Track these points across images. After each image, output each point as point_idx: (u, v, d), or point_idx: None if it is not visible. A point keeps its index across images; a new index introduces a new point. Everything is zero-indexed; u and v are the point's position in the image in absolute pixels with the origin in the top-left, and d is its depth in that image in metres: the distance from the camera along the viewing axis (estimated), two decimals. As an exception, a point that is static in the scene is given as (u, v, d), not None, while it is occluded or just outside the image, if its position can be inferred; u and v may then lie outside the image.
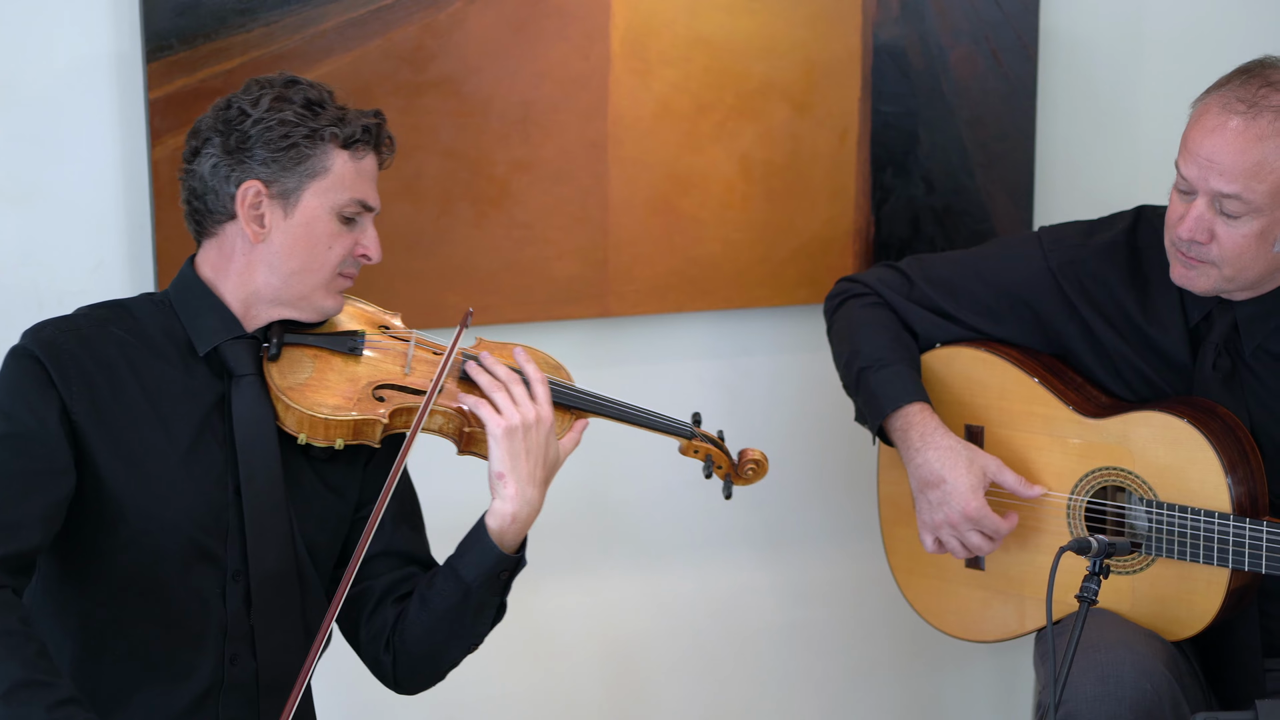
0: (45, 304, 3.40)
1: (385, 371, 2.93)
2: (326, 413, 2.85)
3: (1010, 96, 3.93)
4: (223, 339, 2.86)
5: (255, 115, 2.82)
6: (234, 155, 2.82)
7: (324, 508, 2.94)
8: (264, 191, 2.82)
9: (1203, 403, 3.25)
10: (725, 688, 4.06)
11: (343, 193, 2.85)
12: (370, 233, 2.90)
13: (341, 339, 2.94)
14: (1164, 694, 3.13)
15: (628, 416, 3.06)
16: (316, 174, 2.83)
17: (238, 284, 2.87)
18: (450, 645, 2.96)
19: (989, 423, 3.43)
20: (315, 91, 2.86)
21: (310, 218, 2.84)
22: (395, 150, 2.94)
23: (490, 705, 3.88)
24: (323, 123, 2.83)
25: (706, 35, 3.73)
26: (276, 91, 2.84)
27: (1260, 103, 3.09)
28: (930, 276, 3.50)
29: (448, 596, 2.91)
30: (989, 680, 4.25)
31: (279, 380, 2.86)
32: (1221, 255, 3.14)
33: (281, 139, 2.81)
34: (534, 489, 2.89)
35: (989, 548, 3.35)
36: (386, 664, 2.98)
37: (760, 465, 3.12)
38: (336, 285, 2.90)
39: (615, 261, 3.73)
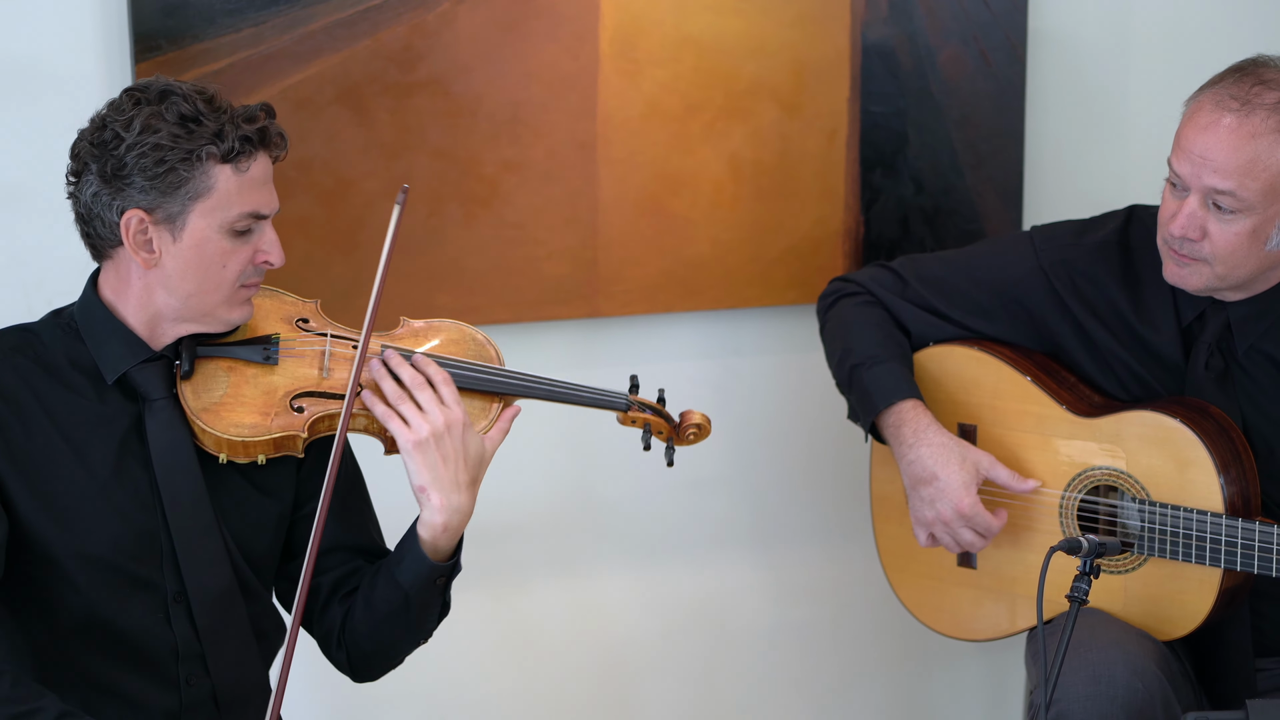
0: (34, 306, 3.39)
1: (302, 378, 2.85)
2: (244, 434, 2.77)
3: (999, 96, 3.93)
4: (130, 365, 2.77)
5: (129, 140, 2.69)
6: (112, 184, 2.70)
7: (259, 513, 2.89)
8: (147, 219, 2.71)
9: (1195, 402, 3.26)
10: (714, 687, 4.06)
11: (230, 209, 2.73)
12: (268, 237, 2.79)
13: (254, 347, 2.84)
14: (1155, 693, 3.13)
15: (558, 395, 2.97)
16: (200, 195, 2.71)
17: (138, 306, 2.78)
18: (399, 642, 2.95)
19: (982, 421, 3.43)
20: (190, 104, 2.70)
21: (200, 239, 2.73)
22: (288, 144, 2.80)
23: (479, 705, 3.88)
24: (199, 141, 2.69)
25: (695, 35, 3.73)
26: (149, 111, 2.69)
27: (1253, 100, 3.09)
28: (923, 276, 3.50)
29: (389, 601, 2.88)
30: (979, 679, 4.25)
31: (193, 401, 2.78)
32: (1214, 253, 3.14)
33: (158, 164, 2.68)
34: (459, 494, 2.82)
35: (981, 544, 3.35)
36: (341, 659, 2.98)
37: (702, 429, 3.02)
38: (240, 296, 2.80)
39: (605, 262, 3.73)
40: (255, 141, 2.73)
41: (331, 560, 2.95)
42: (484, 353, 2.97)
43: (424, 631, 2.94)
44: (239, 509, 2.86)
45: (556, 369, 3.71)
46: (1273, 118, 3.09)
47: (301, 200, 3.51)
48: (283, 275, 3.50)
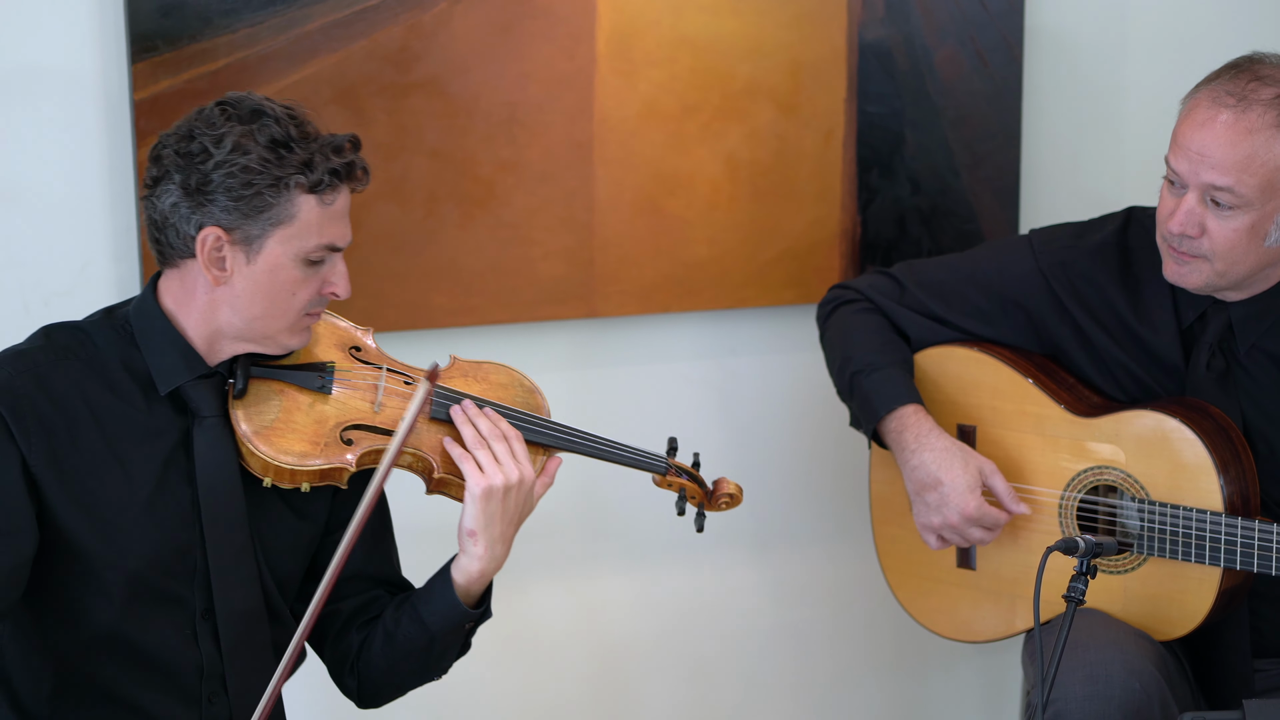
0: (31, 306, 3.39)
1: (354, 410, 2.84)
2: (292, 461, 2.76)
3: (996, 96, 3.93)
4: (185, 379, 2.75)
5: (218, 157, 2.66)
6: (194, 197, 2.68)
7: (293, 536, 2.88)
8: (225, 238, 2.68)
9: (1195, 402, 3.26)
10: (713, 688, 4.06)
11: (309, 239, 2.71)
12: (338, 269, 2.78)
13: (310, 374, 2.83)
14: (1153, 693, 3.13)
15: (602, 453, 2.99)
16: (281, 222, 2.69)
17: (200, 321, 2.75)
18: (414, 677, 2.96)
19: (981, 422, 3.43)
20: (282, 129, 2.68)
21: (274, 265, 2.71)
22: (370, 178, 2.79)
23: (477, 706, 3.88)
24: (288, 169, 2.67)
25: (692, 36, 3.72)
26: (241, 130, 2.67)
27: (1250, 96, 3.10)
28: (922, 281, 3.50)
29: (413, 640, 2.89)
30: (976, 681, 4.25)
31: (244, 423, 2.76)
32: (1213, 249, 3.14)
33: (244, 186, 2.66)
34: (502, 546, 2.86)
35: (990, 539, 3.35)
36: (351, 685, 2.98)
37: (735, 499, 3.06)
38: (302, 324, 2.79)
39: (601, 262, 3.73)
40: (342, 175, 2.72)
41: (352, 588, 2.95)
42: (532, 400, 2.98)
43: (441, 670, 2.96)
44: (274, 530, 2.85)
45: (554, 369, 3.73)
46: (1269, 113, 3.09)
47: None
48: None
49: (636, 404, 3.87)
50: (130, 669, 2.77)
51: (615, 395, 3.85)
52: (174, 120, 3.35)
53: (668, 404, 3.89)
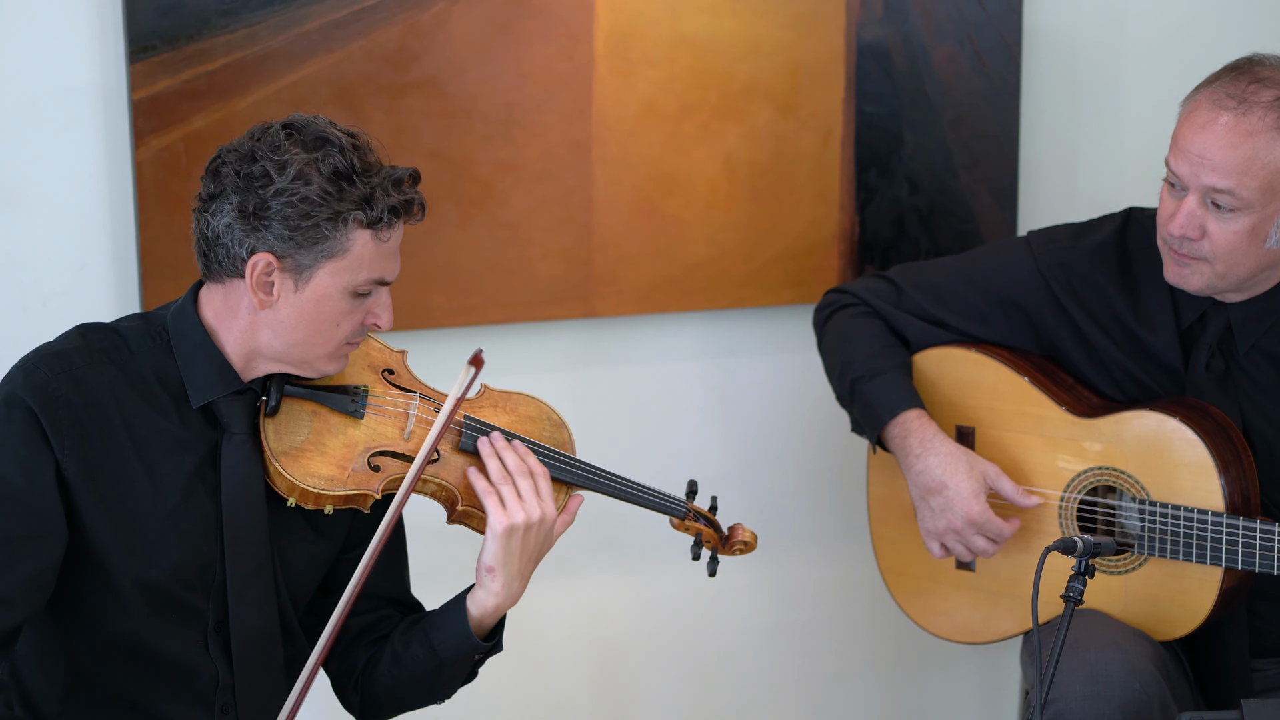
0: (29, 306, 3.39)
1: (384, 436, 2.82)
2: (320, 485, 2.74)
3: (994, 96, 3.93)
4: (219, 394, 2.73)
5: (279, 184, 2.63)
6: (250, 221, 2.65)
7: (312, 554, 2.87)
8: (276, 264, 2.66)
9: (1195, 403, 3.26)
10: (711, 689, 4.06)
11: (360, 273, 2.69)
12: (383, 301, 2.76)
13: (343, 397, 2.81)
14: (1153, 693, 3.13)
15: (623, 494, 2.98)
16: (334, 254, 2.67)
17: (240, 339, 2.73)
18: (417, 700, 2.96)
19: (980, 423, 3.43)
20: (345, 160, 2.65)
21: (321, 295, 2.69)
22: (425, 213, 2.76)
23: (475, 707, 3.87)
24: (348, 205, 2.65)
25: (690, 36, 3.72)
26: (304, 159, 2.64)
27: (1250, 99, 3.10)
28: (919, 284, 3.49)
29: (421, 663, 2.89)
30: (974, 681, 4.25)
31: (274, 442, 2.75)
32: (1214, 251, 3.14)
33: (303, 217, 2.63)
34: (520, 584, 2.86)
35: (994, 551, 3.35)
36: (353, 700, 2.97)
37: (749, 546, 3.04)
38: (341, 352, 2.77)
39: (600, 262, 3.73)
40: (400, 213, 2.70)
41: (363, 605, 2.94)
42: (559, 436, 2.97)
43: (446, 695, 2.96)
44: (294, 547, 2.84)
45: (552, 370, 3.73)
46: (1270, 115, 3.09)
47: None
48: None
49: (635, 404, 3.87)
50: (145, 675, 2.77)
51: (614, 395, 3.85)
52: (173, 120, 3.37)
53: (666, 404, 3.89)
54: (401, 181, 2.71)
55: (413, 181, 2.73)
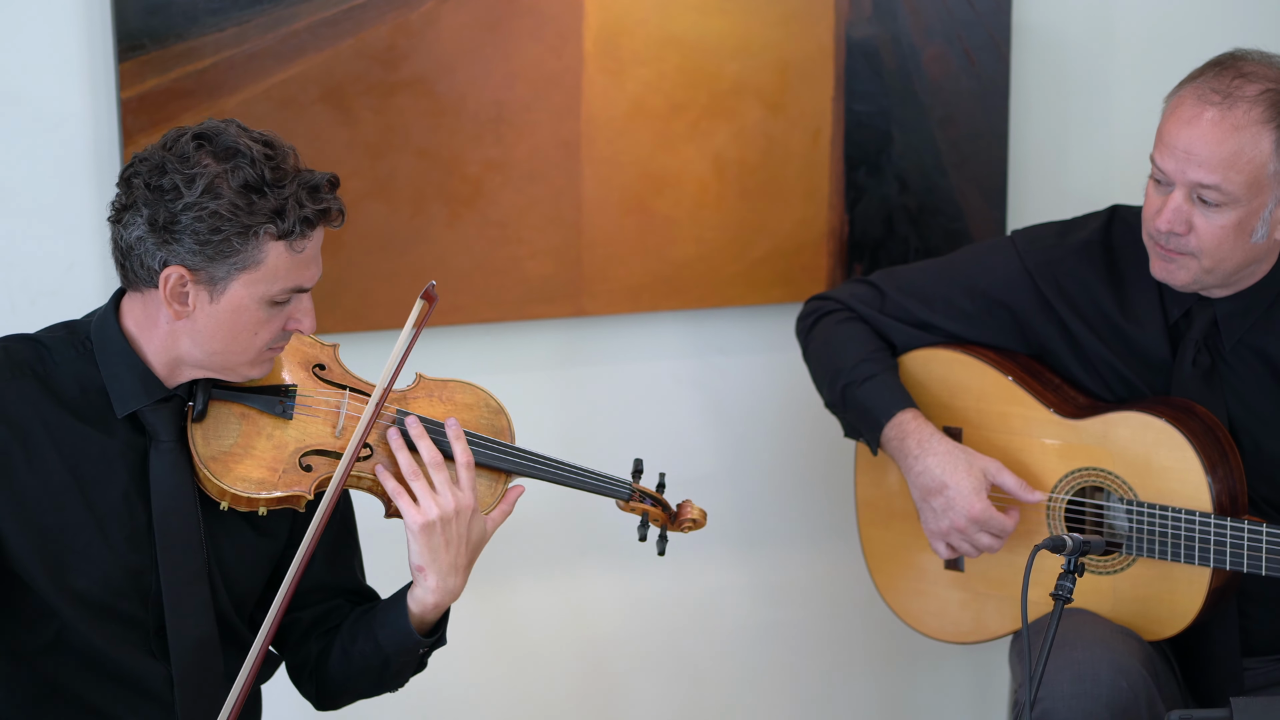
0: (18, 306, 3.38)
1: (315, 435, 2.79)
2: (250, 489, 2.71)
3: (983, 95, 3.93)
4: (143, 404, 2.70)
5: (187, 198, 2.59)
6: (160, 234, 2.61)
7: (253, 554, 2.84)
8: (189, 277, 2.63)
9: (1181, 402, 3.26)
10: (700, 688, 4.06)
11: (275, 284, 2.65)
12: (304, 305, 2.71)
13: (271, 399, 2.78)
14: (1140, 692, 3.14)
15: (564, 479, 2.94)
16: (247, 267, 2.63)
17: (161, 348, 2.70)
18: (370, 690, 2.95)
19: (967, 424, 3.43)
20: (255, 171, 2.61)
21: (237, 306, 2.65)
22: (344, 219, 2.71)
23: (464, 705, 3.88)
24: (259, 217, 2.61)
25: (679, 35, 3.72)
26: (214, 172, 2.60)
27: (1234, 94, 3.10)
28: (903, 287, 3.49)
29: (368, 658, 2.87)
30: (963, 680, 4.25)
31: (202, 448, 2.72)
32: (1200, 246, 3.15)
33: (212, 231, 2.60)
34: (456, 577, 2.81)
35: (999, 547, 3.35)
36: (309, 690, 2.97)
37: (698, 524, 3.00)
38: (264, 358, 2.73)
39: (589, 261, 3.73)
40: (314, 222, 2.66)
41: (313, 598, 2.93)
42: (497, 422, 2.93)
43: (399, 684, 2.95)
44: (234, 548, 2.82)
45: (541, 368, 3.73)
46: (1254, 109, 3.10)
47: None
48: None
49: (624, 403, 3.87)
50: (103, 681, 2.75)
51: (602, 394, 3.85)
52: (162, 119, 3.37)
53: (655, 402, 3.89)
54: (318, 188, 2.66)
55: (331, 187, 2.68)
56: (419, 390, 2.91)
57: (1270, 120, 3.10)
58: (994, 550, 3.35)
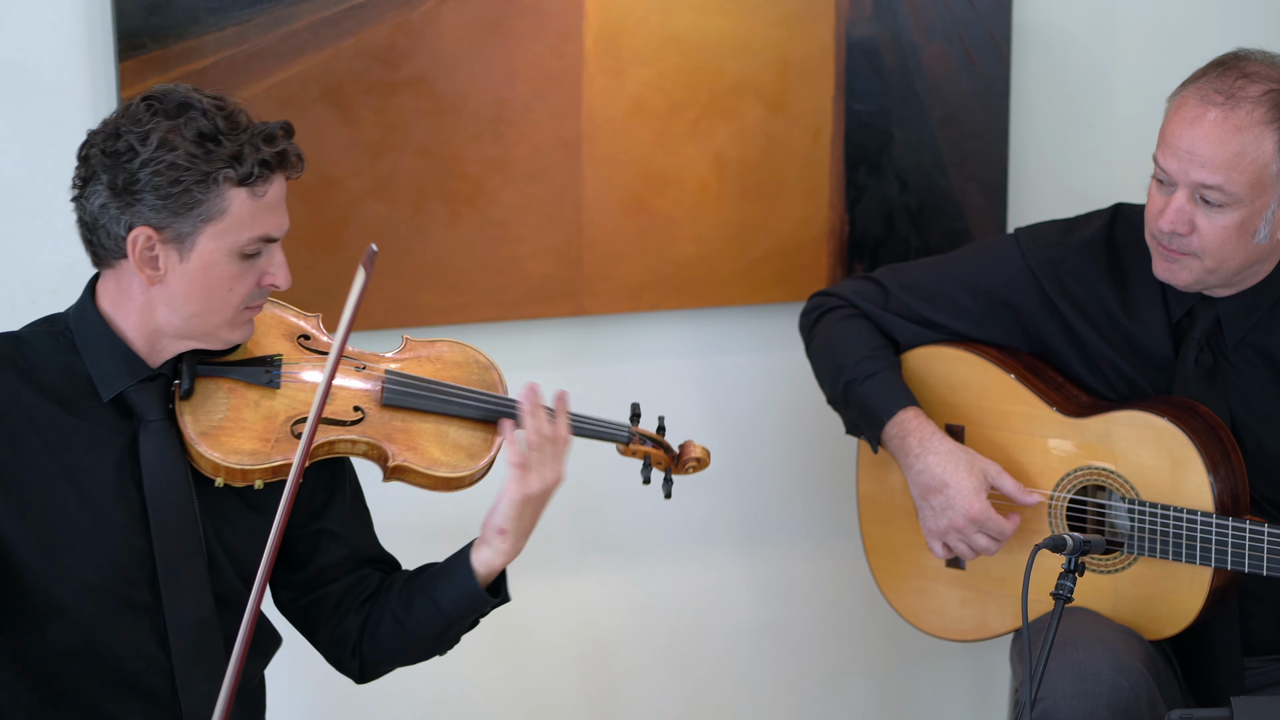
0: (18, 305, 3.38)
1: (304, 403, 2.78)
2: (244, 461, 2.71)
3: (983, 94, 3.93)
4: (127, 384, 2.70)
5: (143, 155, 2.60)
6: (121, 197, 2.62)
7: (253, 532, 2.83)
8: (155, 237, 2.62)
9: (1184, 401, 3.26)
10: (702, 686, 4.06)
11: (242, 233, 2.65)
12: (276, 259, 2.71)
13: (257, 370, 2.78)
14: (1141, 692, 3.14)
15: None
16: (212, 217, 2.63)
17: (138, 321, 2.70)
18: (423, 656, 2.96)
19: (970, 422, 3.43)
20: (209, 121, 2.61)
21: (208, 262, 2.65)
22: (304, 164, 2.72)
23: (466, 704, 3.88)
24: (216, 164, 2.61)
25: (680, 34, 3.72)
26: (167, 126, 2.61)
27: (1237, 94, 3.10)
28: (906, 284, 3.49)
29: (428, 626, 2.89)
30: (965, 679, 4.25)
31: (191, 425, 2.71)
32: (1203, 246, 3.15)
33: (172, 184, 2.60)
34: (525, 541, 2.87)
35: (996, 549, 3.35)
36: (353, 667, 2.97)
37: (702, 462, 3.01)
38: (243, 318, 2.73)
39: (590, 260, 3.73)
40: (273, 165, 2.66)
41: (339, 570, 2.93)
42: (488, 377, 2.94)
43: (451, 645, 2.96)
44: (234, 528, 2.81)
45: (542, 368, 3.73)
46: (1257, 110, 3.10)
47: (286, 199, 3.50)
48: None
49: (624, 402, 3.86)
50: (99, 679, 2.75)
51: (603, 393, 3.84)
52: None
53: (656, 402, 3.88)
54: (274, 136, 2.67)
55: (286, 134, 2.69)
56: (406, 353, 2.92)
57: (1273, 121, 3.10)
58: (990, 553, 3.34)
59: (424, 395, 2.86)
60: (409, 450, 2.83)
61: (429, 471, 2.84)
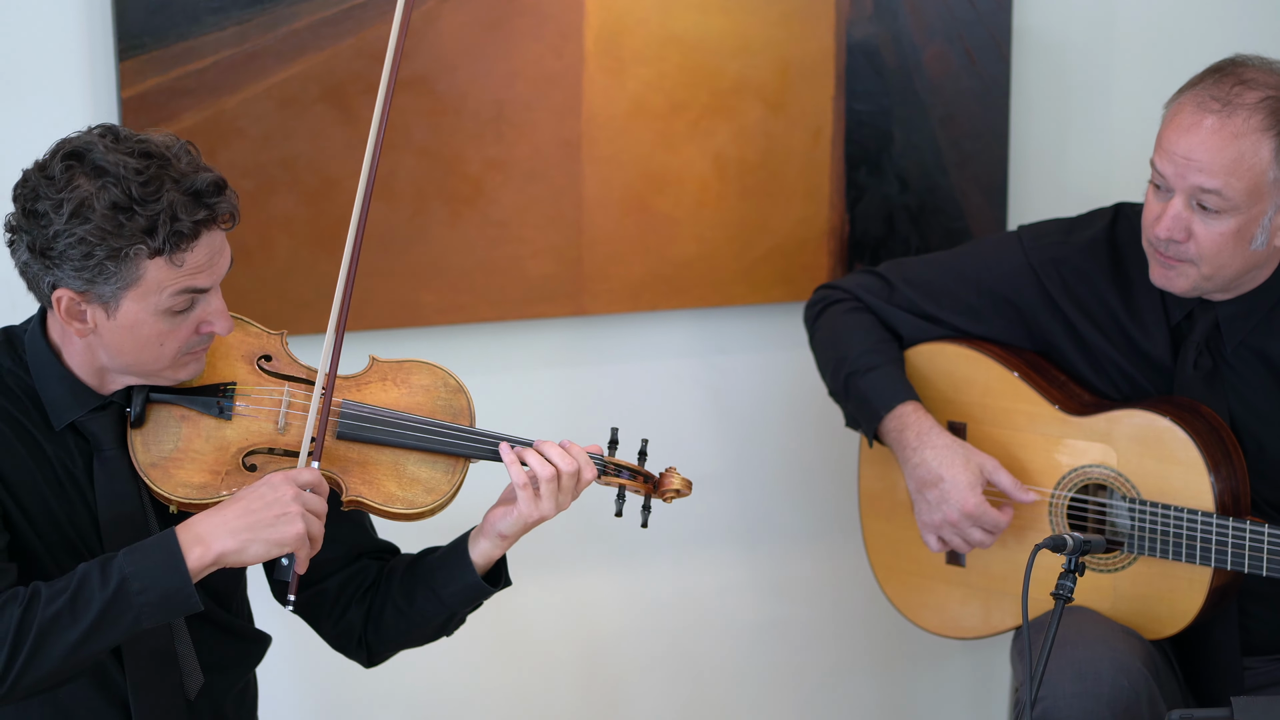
0: (19, 304, 3.36)
1: (256, 434, 2.74)
2: (193, 495, 2.67)
3: (983, 95, 3.93)
4: (77, 414, 2.68)
5: (57, 225, 2.55)
6: (41, 260, 2.58)
7: None
8: (79, 298, 2.59)
9: (1186, 401, 3.26)
10: (702, 685, 4.06)
11: (164, 294, 2.60)
12: (214, 307, 2.66)
13: (209, 399, 2.73)
14: (1141, 691, 3.14)
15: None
16: (130, 284, 2.58)
17: (82, 361, 2.68)
18: (429, 639, 2.97)
19: (972, 419, 3.43)
20: (122, 190, 2.54)
21: (134, 321, 2.61)
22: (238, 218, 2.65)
23: (467, 703, 3.87)
24: (128, 238, 2.55)
25: (680, 34, 3.72)
26: (81, 194, 2.54)
27: (1234, 101, 3.10)
28: (910, 279, 3.49)
29: (431, 616, 2.89)
30: (965, 678, 4.25)
31: (142, 455, 2.68)
32: (1200, 253, 3.15)
33: (85, 257, 2.55)
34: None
35: (990, 542, 3.35)
36: (360, 656, 2.97)
37: (680, 494, 2.91)
38: (185, 361, 2.69)
39: (590, 260, 3.73)
40: (191, 235, 2.59)
41: (334, 565, 2.91)
42: (456, 402, 2.87)
43: (458, 627, 2.98)
44: None
45: (542, 368, 3.73)
46: (1254, 117, 3.10)
47: (286, 199, 3.50)
48: (270, 274, 3.50)
49: (625, 402, 3.87)
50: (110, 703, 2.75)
51: (604, 393, 3.85)
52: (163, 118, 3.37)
53: (656, 402, 3.89)
54: (200, 193, 2.59)
55: (216, 189, 2.61)
56: (371, 375, 2.86)
57: (1270, 128, 3.10)
58: (985, 546, 3.35)
59: (380, 428, 2.80)
60: (363, 484, 2.78)
61: (384, 507, 2.79)
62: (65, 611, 2.51)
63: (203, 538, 2.59)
